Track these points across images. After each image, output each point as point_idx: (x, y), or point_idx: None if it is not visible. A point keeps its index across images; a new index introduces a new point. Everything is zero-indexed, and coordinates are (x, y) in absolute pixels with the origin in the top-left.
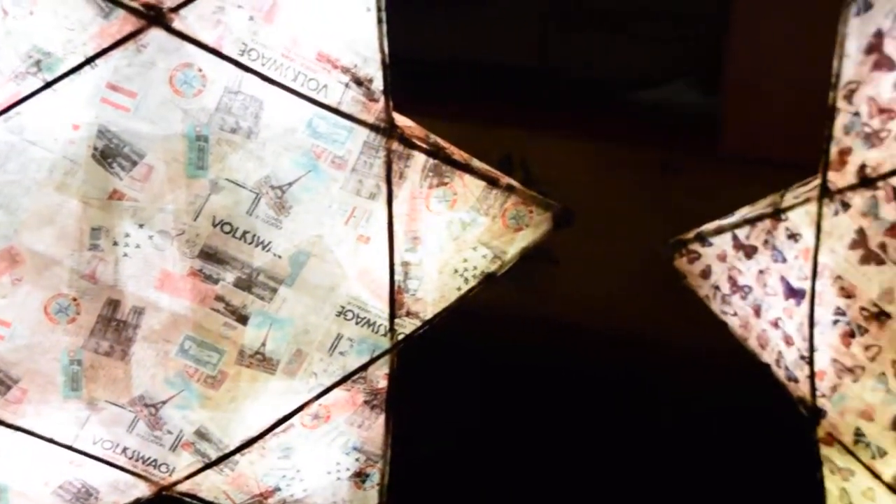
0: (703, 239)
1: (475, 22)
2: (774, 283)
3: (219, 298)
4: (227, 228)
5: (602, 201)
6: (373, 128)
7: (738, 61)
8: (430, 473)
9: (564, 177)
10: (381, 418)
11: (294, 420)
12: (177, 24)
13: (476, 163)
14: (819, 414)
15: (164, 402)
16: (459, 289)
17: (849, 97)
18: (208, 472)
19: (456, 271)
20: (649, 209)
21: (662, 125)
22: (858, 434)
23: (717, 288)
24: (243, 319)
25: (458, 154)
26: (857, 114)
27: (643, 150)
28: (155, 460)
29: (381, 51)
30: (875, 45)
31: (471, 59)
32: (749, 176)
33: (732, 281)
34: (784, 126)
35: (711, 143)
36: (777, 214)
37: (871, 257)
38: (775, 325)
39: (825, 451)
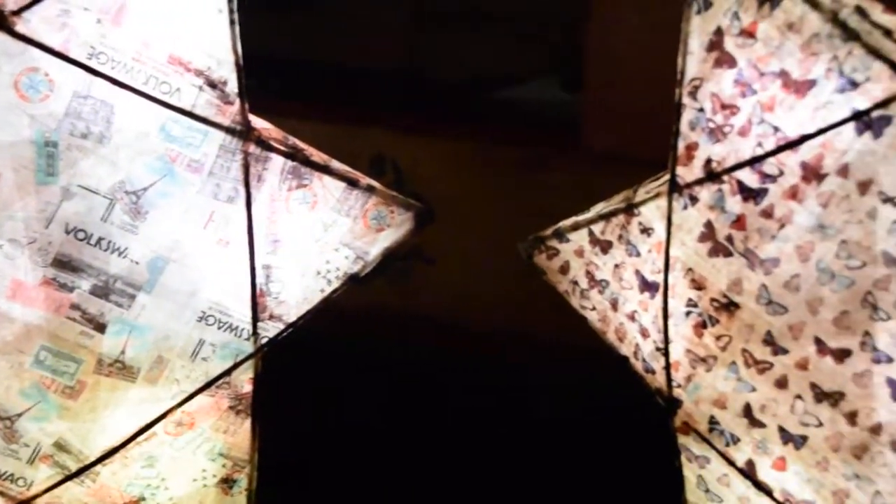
0: (560, 235)
1: (344, 23)
2: (629, 276)
3: (74, 307)
4: (80, 235)
5: (472, 199)
6: (228, 130)
7: (597, 59)
8: (303, 476)
9: (434, 176)
10: (247, 423)
11: (157, 428)
12: (20, 27)
13: (336, 164)
14: (675, 404)
15: (19, 415)
16: (323, 290)
17: (693, 93)
18: (68, 484)
19: (319, 273)
20: (518, 206)
21: (528, 123)
22: (713, 422)
23: (575, 283)
24: (101, 328)
25: (317, 155)
26: (701, 110)
27: (510, 148)
28: (11, 474)
29: (235, 53)
30: (716, 43)
31: (339, 61)
32: (612, 172)
33: (590, 276)
34: (643, 123)
35: (575, 140)
36: (630, 209)
37: (720, 249)
38: (632, 318)
39: (682, 439)
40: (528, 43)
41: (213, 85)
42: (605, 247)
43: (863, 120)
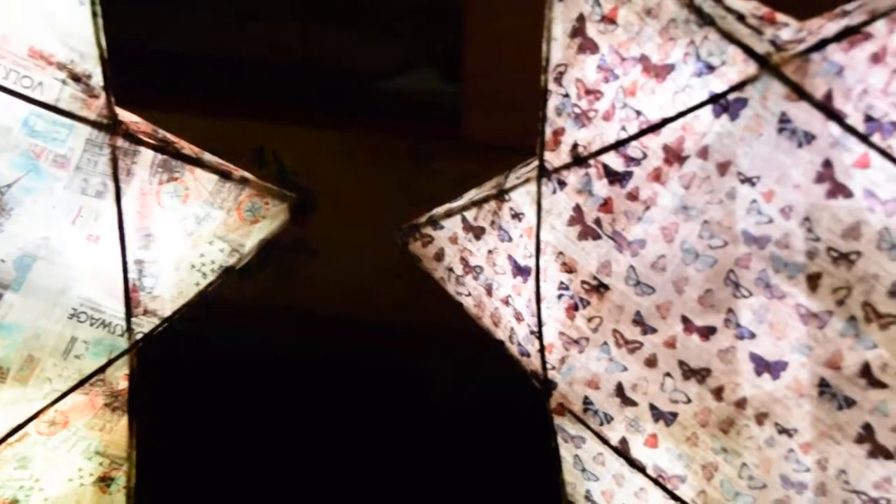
0: (434, 222)
1: (224, 15)
2: (503, 262)
3: None
4: None
5: (355, 190)
6: (95, 124)
7: (476, 49)
8: (184, 473)
9: (317, 168)
10: (124, 420)
11: (29, 428)
12: None
13: (208, 156)
14: (550, 386)
15: None
16: (198, 284)
17: (559, 79)
18: None
19: (193, 266)
20: (400, 196)
21: (410, 114)
22: (587, 402)
23: (450, 270)
24: None
25: (188, 148)
26: (566, 95)
27: (392, 139)
28: None
29: (99, 45)
30: (578, 29)
31: (221, 54)
32: (493, 160)
33: (464, 262)
34: (522, 111)
35: (456, 129)
36: (501, 195)
37: (588, 232)
38: (506, 302)
39: (558, 420)
40: (408, 33)
41: (76, 78)
42: (479, 233)
43: (720, 103)
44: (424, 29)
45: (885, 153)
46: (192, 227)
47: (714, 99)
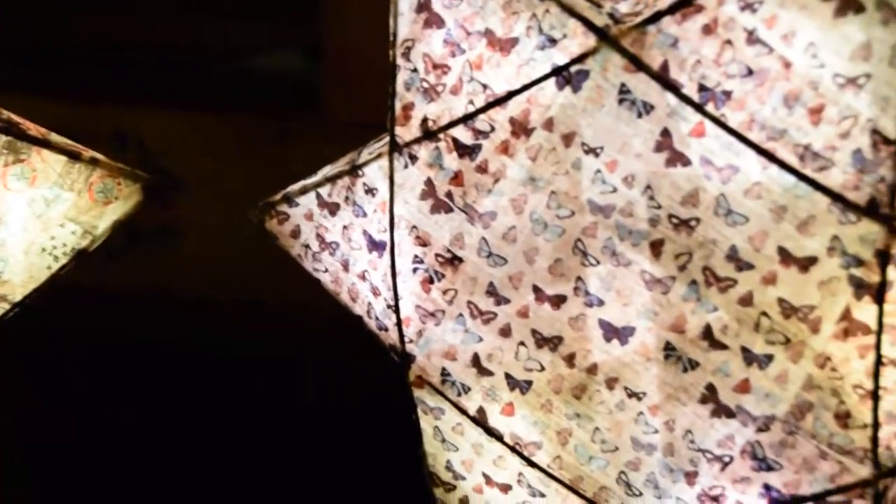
0: (289, 200)
1: (87, 2)
2: (358, 237)
3: None
4: None
5: (220, 172)
6: None
7: (334, 28)
8: (49, 459)
9: (181, 150)
10: None
11: None
12: None
13: (55, 137)
14: (409, 359)
15: None
16: (50, 268)
17: (406, 54)
18: None
19: (44, 250)
20: (265, 177)
21: (273, 94)
22: (445, 374)
23: (307, 247)
24: None
25: (34, 129)
26: (415, 70)
27: (256, 120)
28: None
29: None
30: (424, 4)
31: (80, 40)
32: (356, 138)
33: (320, 238)
34: (381, 89)
35: (319, 109)
36: (354, 171)
37: (440, 206)
38: (363, 277)
39: (417, 393)
40: (269, 13)
41: None
42: (333, 209)
43: (562, 75)
44: (285, 9)
45: (718, 122)
46: (41, 210)
47: (557, 71)
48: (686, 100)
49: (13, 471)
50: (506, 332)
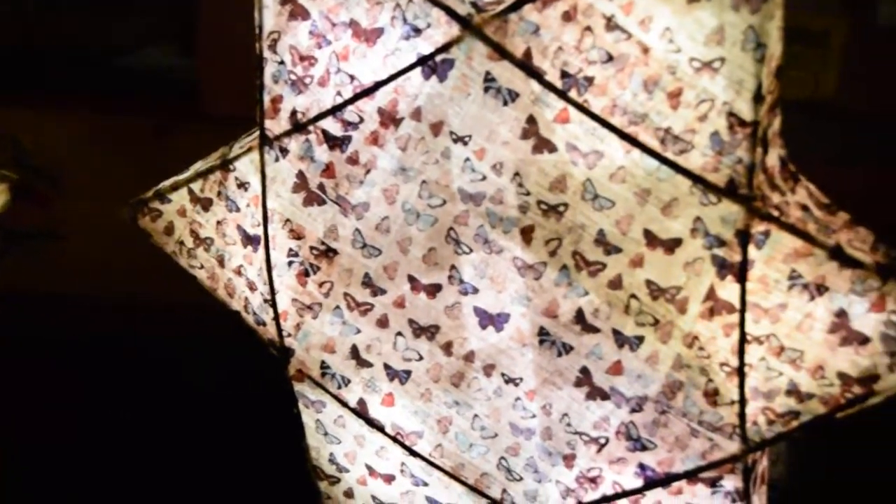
0: (161, 196)
1: None
2: (232, 232)
3: None
4: None
5: (98, 171)
6: None
7: (209, 22)
8: None
9: (57, 150)
10: None
11: None
12: None
13: None
14: (288, 353)
15: None
16: None
17: (273, 47)
18: None
19: None
20: (144, 175)
21: (149, 90)
22: (324, 367)
23: (181, 243)
24: None
25: None
26: (282, 62)
27: (132, 117)
28: None
29: None
30: None
31: None
32: (235, 134)
33: (195, 234)
34: (255, 83)
35: (197, 105)
36: (226, 165)
37: (313, 198)
38: (238, 272)
39: (298, 387)
40: (144, 8)
41: None
42: (206, 204)
43: (428, 65)
44: (160, 4)
45: (581, 108)
46: None
47: (422, 61)
48: (549, 87)
49: None
50: (383, 322)
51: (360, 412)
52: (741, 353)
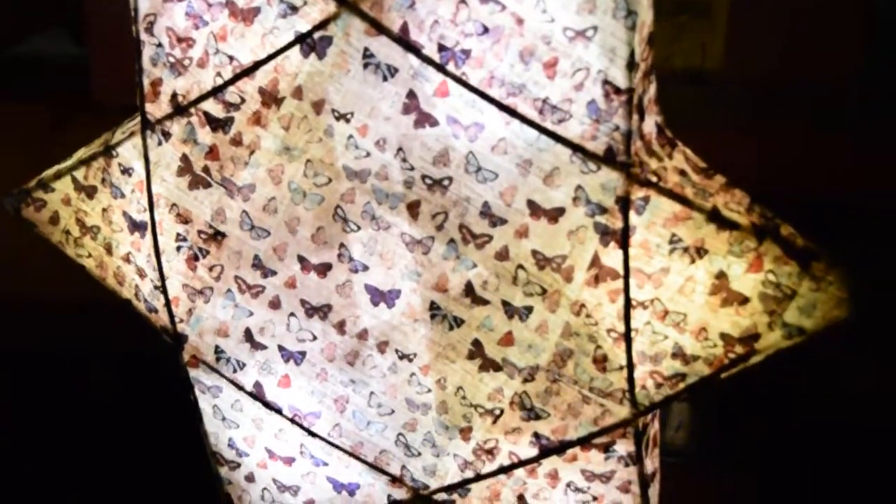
0: (44, 185)
1: None
2: (118, 219)
3: None
4: None
5: None
6: None
7: (97, 9)
8: None
9: None
10: None
11: None
12: None
13: None
14: (181, 339)
15: None
16: None
17: (150, 29)
18: None
19: None
20: (40, 166)
21: (41, 80)
22: (219, 351)
23: (67, 233)
24: None
25: None
26: (160, 45)
27: (24, 107)
28: None
29: None
30: None
31: None
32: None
33: (81, 223)
34: (112, 73)
35: (89, 94)
36: (109, 151)
37: (199, 181)
38: (127, 260)
39: (193, 373)
40: None
41: None
42: (91, 192)
43: (306, 42)
44: None
45: (460, 80)
46: None
47: (300, 39)
48: (427, 60)
49: None
50: (275, 304)
51: (257, 395)
52: (627, 318)
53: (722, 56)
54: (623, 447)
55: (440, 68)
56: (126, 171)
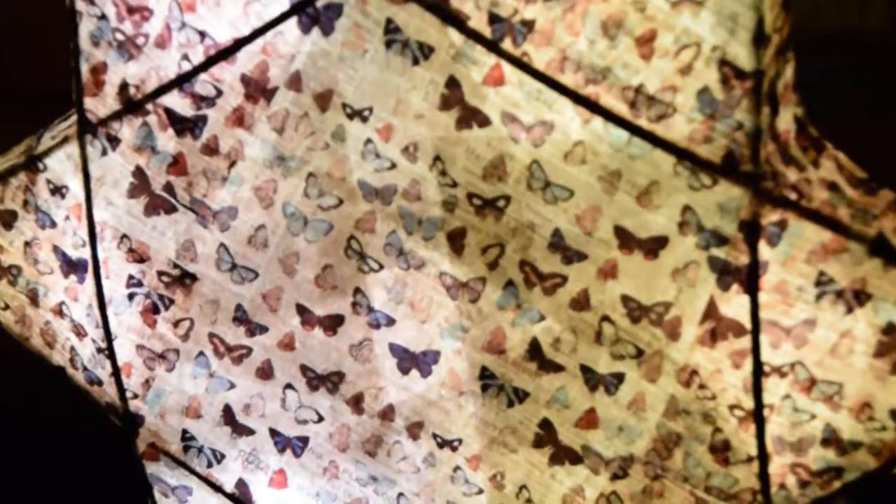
0: None
1: None
2: (47, 256)
3: None
4: None
5: None
6: None
7: None
8: None
9: None
10: None
11: None
12: None
13: None
14: (135, 421)
15: None
16: None
17: None
18: None
19: None
20: None
21: None
22: (187, 438)
23: None
24: None
25: None
26: (103, 17)
27: None
28: None
29: None
30: None
31: None
32: (55, 116)
33: None
34: (37, 51)
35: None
36: (33, 164)
37: (158, 204)
38: (59, 312)
39: (152, 468)
40: None
41: None
42: (8, 220)
43: (306, 12)
44: None
45: (520, 63)
46: None
47: (298, 7)
48: (474, 36)
49: None
50: (266, 372)
51: (242, 498)
52: (757, 390)
53: (888, 12)
54: None
55: (492, 46)
56: (58, 191)
